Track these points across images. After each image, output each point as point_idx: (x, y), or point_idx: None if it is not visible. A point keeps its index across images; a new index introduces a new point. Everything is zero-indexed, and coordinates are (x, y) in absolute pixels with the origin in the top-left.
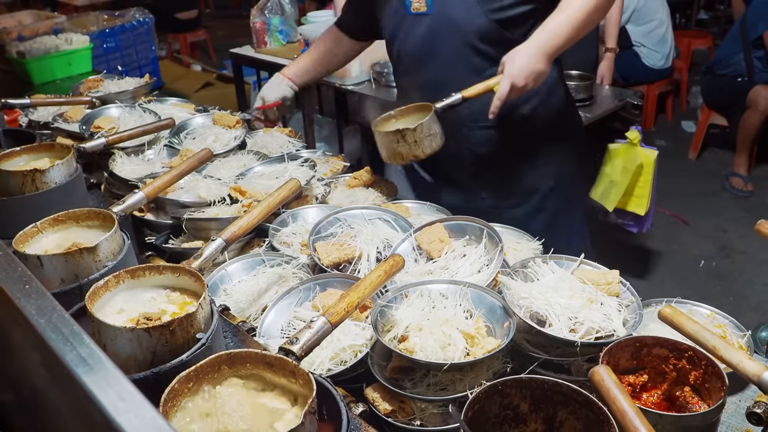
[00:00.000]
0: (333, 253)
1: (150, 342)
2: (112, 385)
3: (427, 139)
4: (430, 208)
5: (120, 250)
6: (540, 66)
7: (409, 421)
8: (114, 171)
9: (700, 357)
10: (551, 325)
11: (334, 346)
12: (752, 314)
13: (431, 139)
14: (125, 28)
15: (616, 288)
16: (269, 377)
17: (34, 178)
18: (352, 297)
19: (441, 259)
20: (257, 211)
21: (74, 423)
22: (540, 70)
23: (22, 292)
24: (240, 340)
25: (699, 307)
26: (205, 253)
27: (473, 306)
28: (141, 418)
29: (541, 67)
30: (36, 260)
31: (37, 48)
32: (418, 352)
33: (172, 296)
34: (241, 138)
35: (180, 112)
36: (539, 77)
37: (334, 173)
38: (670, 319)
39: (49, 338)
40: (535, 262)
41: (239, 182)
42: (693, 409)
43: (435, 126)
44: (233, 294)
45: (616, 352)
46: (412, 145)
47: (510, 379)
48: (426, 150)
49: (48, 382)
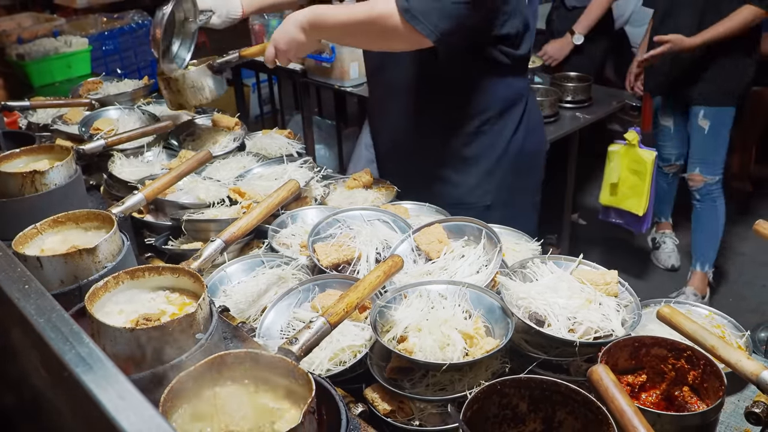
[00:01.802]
0: (332, 254)
1: (149, 342)
2: (112, 384)
3: (190, 90)
4: (429, 209)
5: (119, 251)
6: (299, 36)
7: (408, 421)
8: (113, 173)
9: (698, 357)
10: (550, 325)
11: (334, 346)
12: (751, 315)
13: (195, 91)
14: (124, 31)
15: (614, 288)
16: (269, 377)
17: (33, 180)
18: (351, 297)
19: (440, 260)
20: (256, 212)
21: (74, 422)
22: (299, 41)
23: (21, 292)
24: (239, 341)
25: (697, 308)
26: (205, 254)
27: (472, 306)
28: (140, 416)
29: (300, 37)
30: (36, 261)
31: (36, 50)
32: (417, 352)
33: (171, 297)
34: (240, 139)
35: (179, 113)
36: (300, 47)
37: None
38: (668, 319)
39: (49, 338)
40: (533, 262)
41: (238, 184)
42: (692, 409)
43: (203, 80)
44: (233, 295)
45: (615, 352)
46: (176, 93)
47: (509, 378)
48: (190, 100)
49: (48, 381)
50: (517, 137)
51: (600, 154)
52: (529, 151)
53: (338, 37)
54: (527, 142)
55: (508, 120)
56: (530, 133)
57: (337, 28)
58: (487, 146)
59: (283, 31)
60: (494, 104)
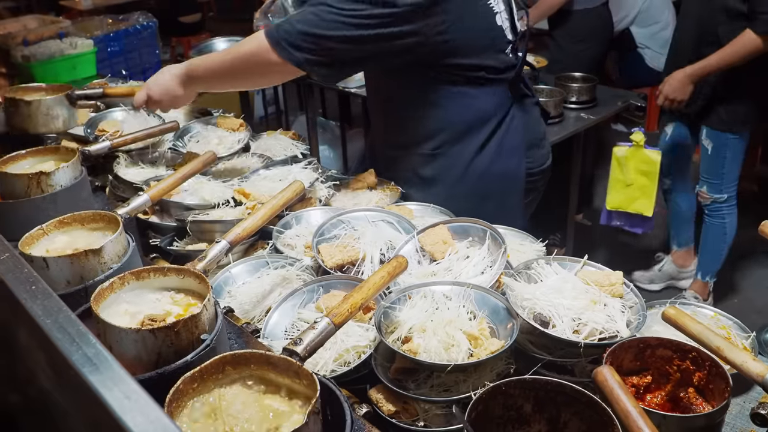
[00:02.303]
0: (336, 255)
1: (155, 343)
2: (118, 384)
3: (42, 117)
4: (434, 210)
5: (125, 252)
6: (176, 90)
7: (412, 422)
8: (118, 174)
9: (704, 358)
10: (555, 326)
11: (338, 347)
12: (756, 316)
13: (47, 119)
14: (129, 32)
15: (619, 289)
16: (273, 378)
17: (39, 181)
18: (356, 298)
19: (444, 261)
20: (261, 213)
21: (80, 423)
22: (175, 94)
23: (28, 293)
24: (244, 342)
25: (703, 309)
26: (210, 254)
27: (477, 307)
28: (146, 416)
29: (178, 91)
30: (42, 262)
31: (42, 52)
32: (421, 353)
33: (176, 298)
34: (245, 141)
35: (184, 115)
36: (175, 100)
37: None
38: (674, 320)
39: (56, 338)
40: (538, 263)
41: (243, 185)
42: (697, 410)
43: (59, 109)
44: (237, 296)
45: (620, 353)
46: (25, 117)
47: (514, 379)
48: (39, 128)
49: (54, 382)
50: (480, 160)
51: (605, 155)
52: (497, 174)
53: (216, 83)
54: (495, 166)
55: (470, 142)
56: (501, 156)
57: (213, 74)
58: (445, 168)
59: (160, 81)
60: (452, 125)
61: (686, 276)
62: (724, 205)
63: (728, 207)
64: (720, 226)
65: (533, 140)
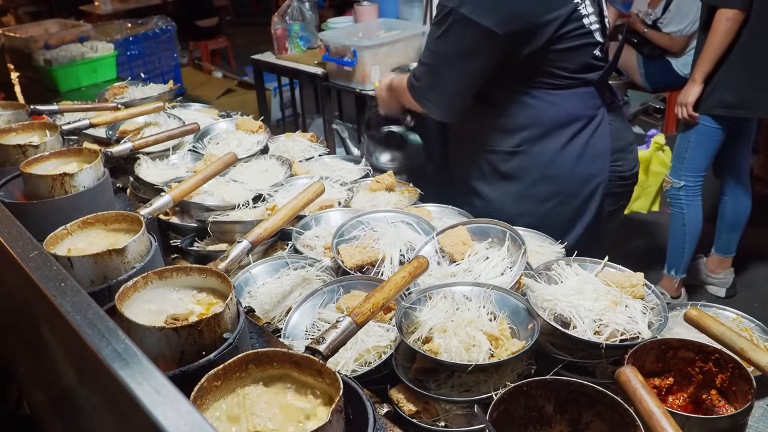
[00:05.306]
0: (356, 255)
1: (178, 341)
2: (148, 379)
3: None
4: (452, 211)
5: (147, 252)
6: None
7: (433, 422)
8: (139, 175)
9: (726, 359)
10: (575, 327)
11: (359, 347)
12: None
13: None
14: (148, 36)
15: (641, 290)
16: (296, 376)
17: (63, 182)
18: (378, 298)
19: (464, 262)
20: (282, 214)
21: (109, 418)
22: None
23: (57, 290)
24: (265, 341)
25: (724, 311)
26: (232, 254)
27: (497, 308)
28: (176, 411)
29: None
30: (66, 261)
31: (63, 56)
32: (442, 353)
33: (199, 297)
34: (264, 142)
35: (203, 117)
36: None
37: None
38: (696, 321)
39: (85, 334)
40: (558, 264)
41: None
42: (719, 413)
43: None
44: (257, 296)
45: (642, 355)
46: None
47: (535, 380)
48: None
49: (84, 377)
50: (562, 160)
51: None
52: (580, 177)
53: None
54: (578, 168)
55: (552, 141)
56: (584, 159)
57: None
58: (524, 166)
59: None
60: (538, 124)
61: (714, 282)
62: (681, 193)
63: (687, 198)
64: (679, 216)
65: (623, 145)
